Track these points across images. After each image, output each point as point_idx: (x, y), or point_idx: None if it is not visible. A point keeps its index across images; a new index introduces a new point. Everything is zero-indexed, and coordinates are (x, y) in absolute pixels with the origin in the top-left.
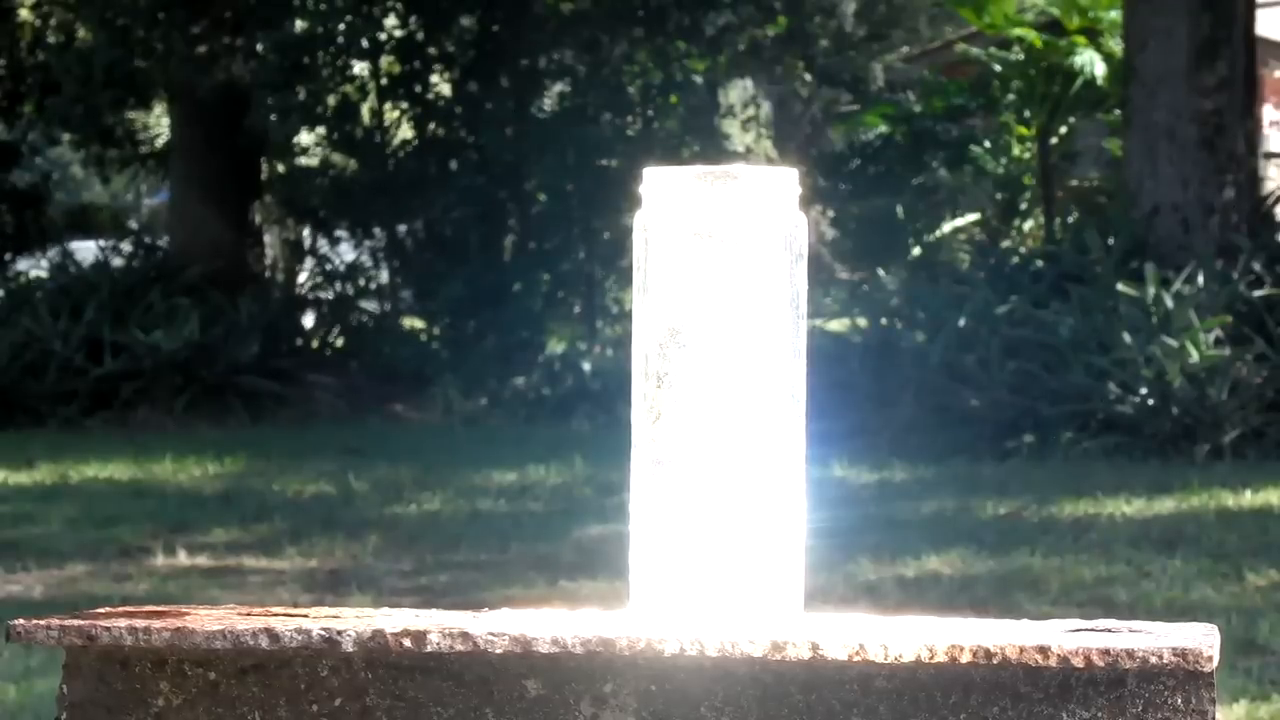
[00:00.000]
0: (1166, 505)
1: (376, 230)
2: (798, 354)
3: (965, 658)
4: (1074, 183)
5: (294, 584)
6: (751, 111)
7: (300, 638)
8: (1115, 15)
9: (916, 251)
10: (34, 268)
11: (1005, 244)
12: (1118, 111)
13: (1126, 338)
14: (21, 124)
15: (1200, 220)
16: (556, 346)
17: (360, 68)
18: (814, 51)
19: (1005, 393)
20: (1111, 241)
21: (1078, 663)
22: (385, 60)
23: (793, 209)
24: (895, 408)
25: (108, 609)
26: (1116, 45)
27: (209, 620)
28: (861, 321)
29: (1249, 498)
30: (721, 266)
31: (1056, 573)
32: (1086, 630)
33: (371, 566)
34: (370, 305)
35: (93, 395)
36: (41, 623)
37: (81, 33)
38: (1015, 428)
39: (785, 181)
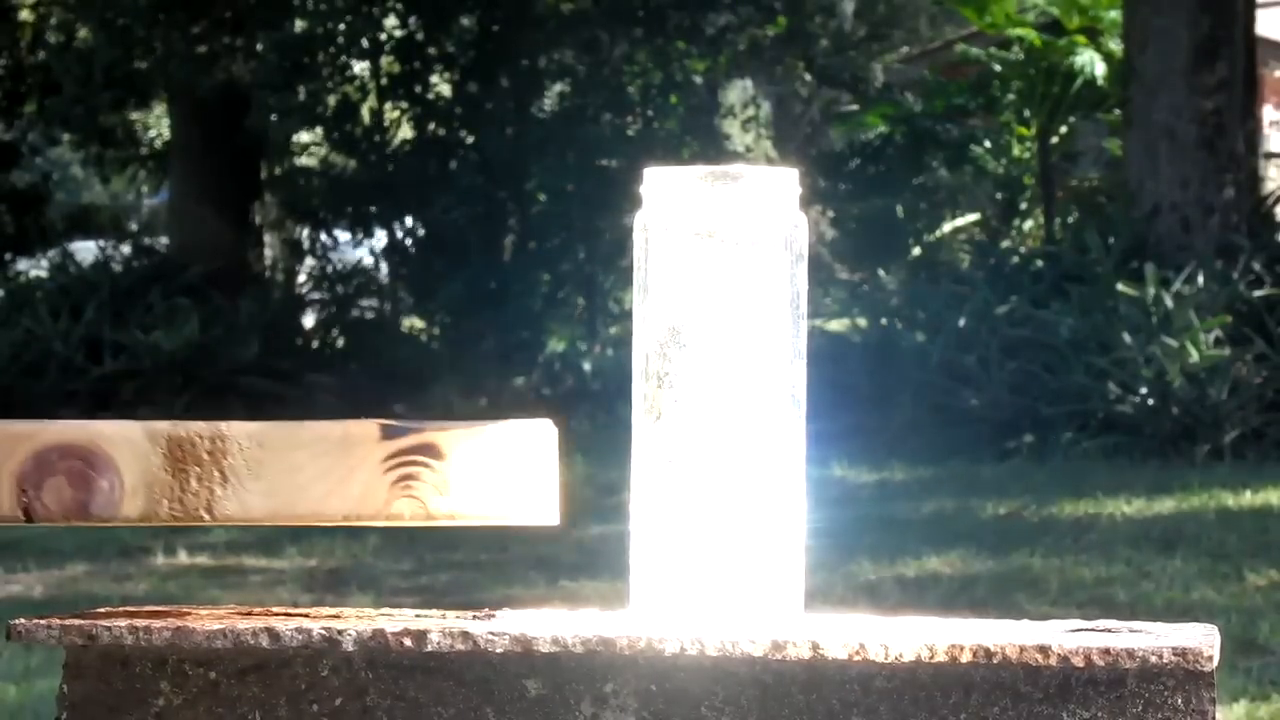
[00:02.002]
0: (1166, 505)
1: (376, 230)
2: (798, 354)
3: (965, 658)
4: (1074, 183)
5: (294, 584)
6: (751, 111)
7: (301, 637)
8: (1115, 15)
9: (916, 251)
10: (34, 268)
11: (1005, 244)
12: (1118, 111)
13: (1126, 338)
14: (21, 124)
15: (1200, 220)
16: (556, 346)
17: (360, 68)
18: (814, 51)
19: (1005, 393)
20: (1111, 241)
21: (1078, 662)
22: (385, 60)
23: (793, 209)
24: (895, 408)
25: (108, 609)
26: (1116, 45)
27: (209, 620)
28: (861, 321)
29: (1249, 498)
30: (722, 267)
31: (1056, 573)
32: (1086, 630)
33: (371, 566)
34: (370, 305)
35: (93, 395)
36: (41, 623)
37: (81, 33)
38: (1015, 428)
39: (785, 181)
